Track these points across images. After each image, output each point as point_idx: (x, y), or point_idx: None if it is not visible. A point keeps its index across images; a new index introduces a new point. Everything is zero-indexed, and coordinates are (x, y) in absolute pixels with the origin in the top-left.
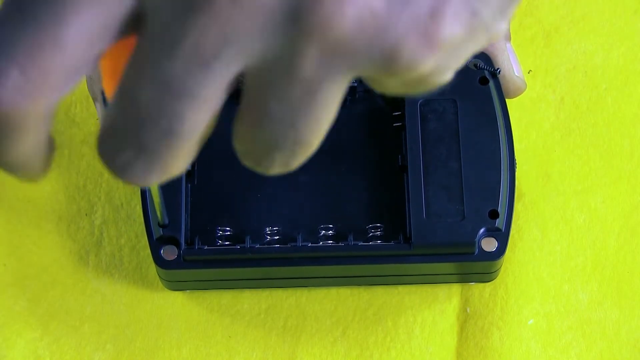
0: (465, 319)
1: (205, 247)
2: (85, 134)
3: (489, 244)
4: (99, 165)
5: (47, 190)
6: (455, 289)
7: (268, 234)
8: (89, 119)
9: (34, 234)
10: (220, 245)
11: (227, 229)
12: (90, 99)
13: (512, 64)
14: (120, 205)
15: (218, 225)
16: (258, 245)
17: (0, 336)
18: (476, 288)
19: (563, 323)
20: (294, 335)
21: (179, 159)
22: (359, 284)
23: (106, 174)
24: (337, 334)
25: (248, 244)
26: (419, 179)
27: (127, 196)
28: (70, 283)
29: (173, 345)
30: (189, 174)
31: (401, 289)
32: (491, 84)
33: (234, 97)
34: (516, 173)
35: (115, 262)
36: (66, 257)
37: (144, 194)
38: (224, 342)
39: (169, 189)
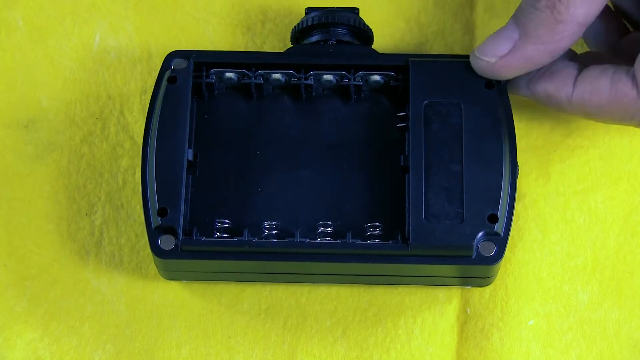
0: (465, 320)
1: (203, 239)
2: (85, 133)
3: (487, 248)
4: (99, 165)
5: (47, 190)
6: (455, 290)
7: (266, 228)
8: (89, 119)
9: (34, 234)
10: (218, 237)
11: (226, 221)
12: (90, 99)
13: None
14: (120, 205)
15: (217, 217)
16: (256, 239)
17: (0, 336)
18: (476, 289)
19: (563, 323)
20: (294, 335)
21: None
22: (356, 282)
23: (106, 174)
24: (337, 334)
25: (246, 237)
26: (420, 180)
27: (127, 196)
28: (70, 283)
29: (173, 345)
30: (190, 164)
31: (401, 289)
32: (497, 88)
33: (241, 91)
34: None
35: (115, 262)
36: (66, 257)
37: (145, 182)
38: (223, 342)
39: (170, 178)
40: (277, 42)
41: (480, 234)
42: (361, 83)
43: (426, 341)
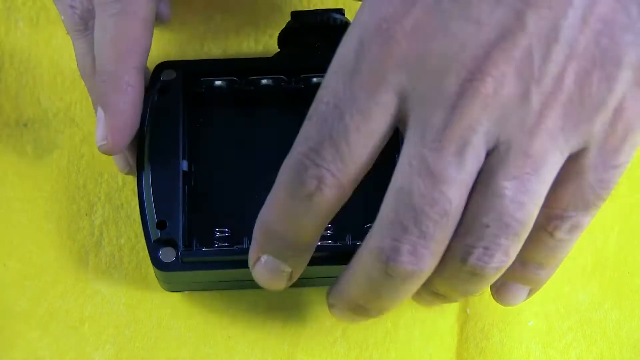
0: (465, 320)
1: (203, 249)
2: (85, 133)
3: None
4: (98, 165)
5: (47, 190)
6: None
7: None
8: (89, 119)
9: (34, 234)
10: (218, 247)
11: (225, 230)
12: (90, 99)
13: None
14: (120, 205)
15: (216, 226)
16: None
17: (0, 336)
18: None
19: (563, 324)
20: (294, 335)
21: (447, 237)
22: None
23: (106, 174)
24: (337, 334)
25: (246, 245)
26: None
27: (127, 196)
28: (70, 283)
29: (172, 345)
30: (186, 175)
31: None
32: None
33: (232, 98)
34: None
35: (115, 262)
36: (66, 257)
37: (142, 196)
38: (223, 342)
39: (167, 191)
40: (272, 47)
41: None
42: None
43: (426, 341)
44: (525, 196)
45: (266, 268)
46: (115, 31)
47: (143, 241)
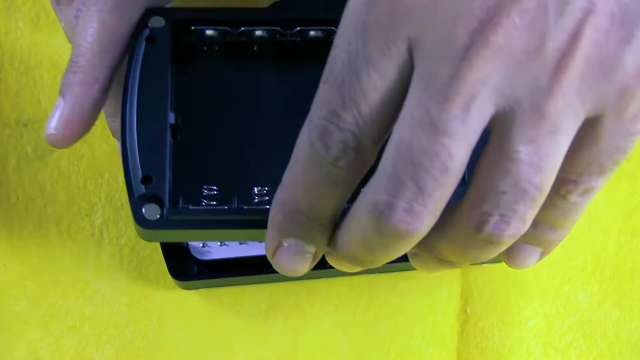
0: (466, 320)
1: (190, 207)
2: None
3: None
4: (99, 165)
5: (47, 190)
6: (455, 289)
7: (256, 195)
8: None
9: (34, 234)
10: (205, 206)
11: (213, 188)
12: None
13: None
14: (121, 205)
15: (203, 184)
16: (246, 207)
17: (0, 336)
18: (476, 289)
19: (563, 324)
20: (294, 335)
21: (446, 197)
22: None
23: (106, 174)
24: (337, 334)
25: (235, 204)
26: None
27: (127, 196)
28: (70, 283)
29: (173, 345)
30: (174, 128)
31: (401, 288)
32: None
33: (224, 50)
34: None
35: (115, 262)
36: (66, 257)
37: (125, 150)
38: (223, 342)
39: (153, 144)
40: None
41: None
42: None
43: (426, 341)
44: (542, 161)
45: (289, 253)
46: (99, 26)
47: (143, 241)
